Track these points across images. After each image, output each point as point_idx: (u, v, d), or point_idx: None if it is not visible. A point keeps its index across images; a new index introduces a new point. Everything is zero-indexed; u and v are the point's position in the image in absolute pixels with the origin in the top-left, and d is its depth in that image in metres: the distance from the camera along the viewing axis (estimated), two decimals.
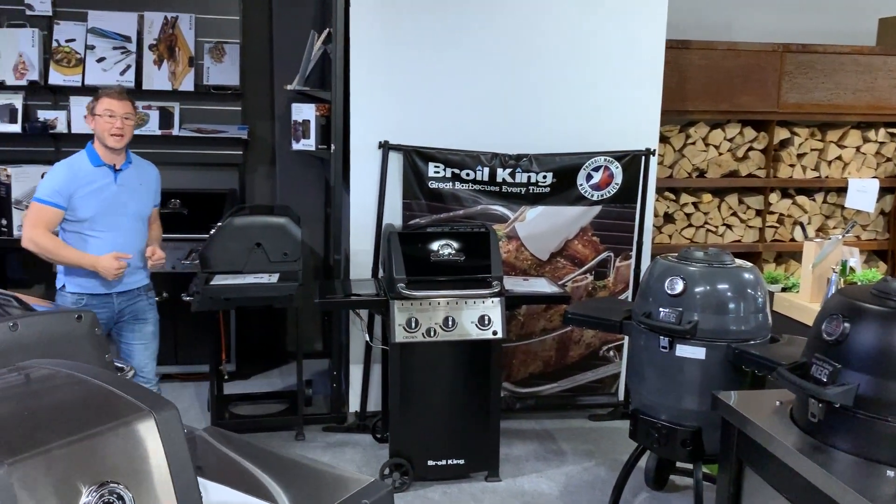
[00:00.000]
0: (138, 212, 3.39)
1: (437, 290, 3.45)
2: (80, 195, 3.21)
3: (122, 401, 1.23)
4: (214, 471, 1.69)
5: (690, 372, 2.98)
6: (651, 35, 4.20)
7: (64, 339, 1.99)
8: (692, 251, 3.11)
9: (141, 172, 3.43)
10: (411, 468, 3.56)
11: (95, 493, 1.10)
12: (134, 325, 3.44)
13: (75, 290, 3.27)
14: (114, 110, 3.21)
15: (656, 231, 5.00)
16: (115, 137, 3.22)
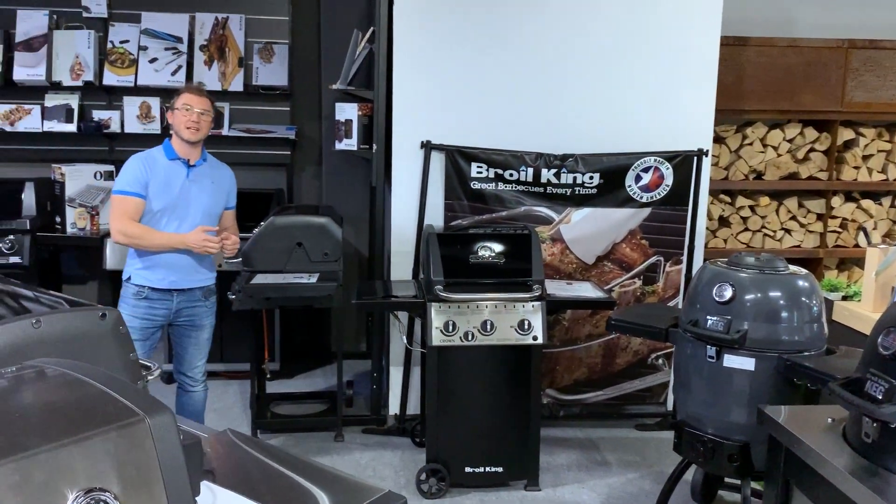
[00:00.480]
0: (208, 209, 3.39)
1: (476, 294, 3.37)
2: (154, 186, 3.26)
3: (117, 404, 1.19)
4: (228, 475, 1.65)
5: (739, 383, 2.83)
6: (705, 31, 4.04)
7: (87, 337, 1.98)
8: (743, 256, 2.96)
9: (214, 171, 3.46)
10: (448, 474, 3.49)
11: (82, 500, 1.06)
12: (190, 331, 3.44)
13: (139, 282, 3.30)
14: (191, 104, 3.27)
15: (710, 235, 4.82)
16: (190, 130, 3.26)
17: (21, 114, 5.09)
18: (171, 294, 3.33)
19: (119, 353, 2.05)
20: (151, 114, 5.19)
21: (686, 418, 3.04)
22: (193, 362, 3.49)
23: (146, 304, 3.29)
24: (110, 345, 2.03)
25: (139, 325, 3.27)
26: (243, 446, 1.81)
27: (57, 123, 5.09)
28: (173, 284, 3.32)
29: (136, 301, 3.30)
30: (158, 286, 3.30)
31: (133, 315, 3.25)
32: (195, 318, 3.43)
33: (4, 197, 4.73)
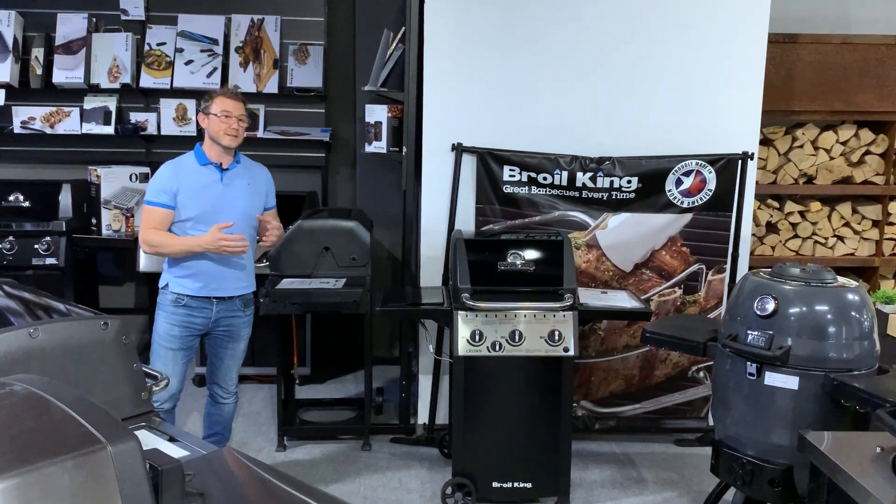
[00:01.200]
0: (245, 212, 3.25)
1: (504, 302, 3.24)
2: (185, 193, 3.16)
3: (79, 430, 1.11)
4: (220, 498, 1.57)
5: (781, 403, 2.66)
6: (752, 28, 3.84)
7: (88, 347, 1.93)
8: (787, 267, 2.77)
9: (249, 173, 3.34)
10: (475, 489, 3.36)
11: None
12: (227, 342, 3.33)
13: (177, 290, 3.20)
14: (230, 111, 3.17)
15: (756, 242, 4.60)
16: (230, 137, 3.17)
17: (61, 116, 5.14)
18: (211, 302, 3.22)
19: (122, 364, 1.99)
20: (187, 116, 5.19)
21: (724, 438, 2.87)
22: (228, 374, 3.39)
23: (184, 312, 3.20)
24: (112, 355, 1.97)
25: (178, 333, 3.20)
26: (241, 467, 1.72)
27: (95, 125, 5.13)
28: (213, 292, 3.21)
29: (174, 308, 3.20)
30: (197, 294, 3.20)
31: (171, 323, 3.19)
32: (233, 328, 3.31)
33: (42, 198, 4.78)
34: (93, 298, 5.30)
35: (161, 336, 3.22)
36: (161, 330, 3.22)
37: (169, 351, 3.21)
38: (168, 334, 3.20)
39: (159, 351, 3.22)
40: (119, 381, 1.96)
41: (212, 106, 3.19)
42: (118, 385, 1.96)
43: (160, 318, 3.23)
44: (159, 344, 3.22)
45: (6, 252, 4.61)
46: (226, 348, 3.34)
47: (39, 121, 5.11)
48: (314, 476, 3.69)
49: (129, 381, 1.99)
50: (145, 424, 1.95)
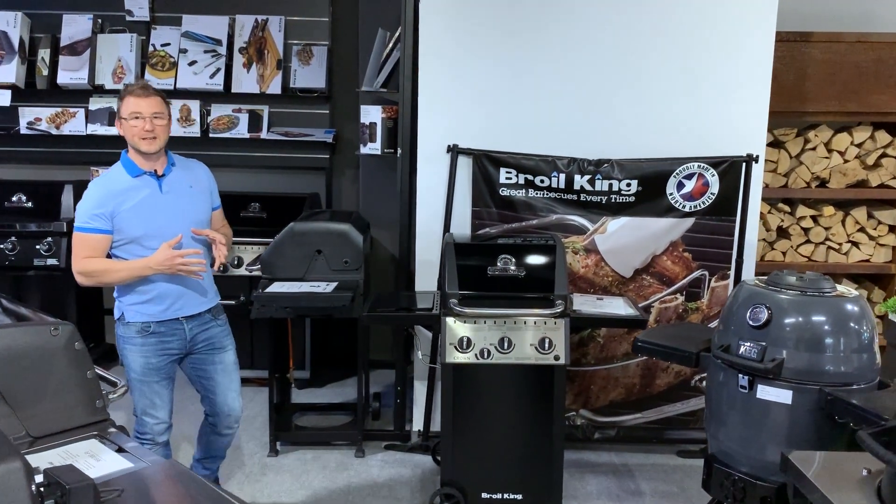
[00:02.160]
0: (194, 217, 2.96)
1: (493, 308, 3.15)
2: (123, 212, 2.80)
3: None
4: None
5: (775, 418, 2.53)
6: (759, 25, 3.70)
7: (37, 353, 1.88)
8: (784, 275, 2.65)
9: (188, 174, 3.00)
10: (463, 499, 3.28)
11: None
12: (212, 354, 3.04)
13: (137, 318, 2.87)
14: (140, 111, 2.79)
15: (767, 247, 4.45)
16: (146, 141, 2.81)
17: (66, 117, 5.16)
18: (180, 322, 2.92)
19: (73, 371, 1.94)
20: (191, 117, 5.17)
21: (717, 453, 2.75)
22: (228, 394, 3.06)
23: (155, 340, 2.89)
24: (63, 361, 1.92)
25: (157, 362, 2.90)
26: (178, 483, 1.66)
27: (100, 126, 5.14)
28: (177, 312, 2.91)
29: (143, 339, 2.88)
30: (162, 318, 2.88)
31: (145, 355, 2.88)
32: (213, 339, 3.03)
33: (44, 199, 4.79)
34: (96, 301, 5.31)
35: (138, 372, 2.89)
36: (136, 366, 2.89)
37: (152, 384, 2.91)
38: (146, 368, 2.89)
39: (140, 388, 2.90)
40: (70, 388, 1.92)
41: (122, 108, 2.84)
42: (69, 392, 1.91)
43: (130, 354, 2.89)
44: (138, 381, 2.90)
45: (8, 252, 4.63)
46: (213, 364, 3.04)
47: (45, 121, 5.14)
48: (303, 483, 3.63)
49: (81, 388, 1.94)
50: (97, 433, 1.90)
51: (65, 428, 1.88)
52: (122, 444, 1.85)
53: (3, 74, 5.00)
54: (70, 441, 1.84)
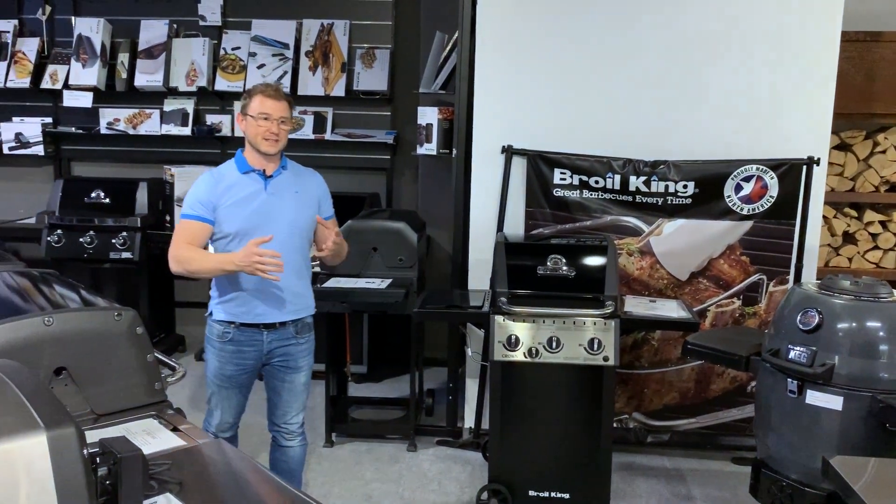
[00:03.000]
0: (294, 223, 2.86)
1: (542, 308, 3.17)
2: (226, 205, 2.78)
3: (22, 413, 1.15)
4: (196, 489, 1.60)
5: (825, 424, 2.49)
6: (824, 25, 3.61)
7: (100, 336, 2.00)
8: (838, 279, 2.60)
9: (298, 180, 2.93)
10: (511, 496, 3.31)
11: None
12: (284, 374, 2.95)
13: (222, 317, 2.85)
14: (269, 112, 2.78)
15: (832, 252, 4.34)
16: (269, 142, 2.79)
17: (142, 117, 5.42)
18: (260, 331, 2.86)
19: (134, 353, 2.06)
20: None
21: (766, 459, 2.72)
22: (288, 412, 3.00)
23: (233, 349, 2.85)
24: (125, 345, 2.04)
25: (231, 371, 2.87)
26: (226, 460, 1.76)
27: (174, 127, 5.38)
28: (258, 318, 2.84)
29: (221, 345, 2.86)
30: (242, 321, 2.84)
31: (221, 361, 2.87)
32: (290, 358, 2.94)
33: (121, 196, 5.03)
34: (168, 293, 5.55)
35: (213, 372, 2.90)
36: (212, 367, 2.91)
37: (223, 389, 2.91)
38: (220, 373, 2.89)
39: (212, 387, 2.92)
40: (132, 370, 2.03)
41: (249, 105, 2.82)
42: (131, 374, 2.03)
43: (210, 353, 2.91)
44: (212, 380, 2.91)
45: (87, 245, 4.88)
46: (283, 381, 2.97)
47: (123, 122, 5.41)
48: (356, 473, 3.73)
49: (142, 370, 2.06)
50: (155, 413, 2.02)
51: (125, 407, 1.99)
52: (178, 425, 1.95)
53: (86, 77, 5.29)
54: (130, 419, 1.96)
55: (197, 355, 5.19)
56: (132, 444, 1.39)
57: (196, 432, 1.94)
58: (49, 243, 4.91)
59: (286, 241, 2.81)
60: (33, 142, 5.47)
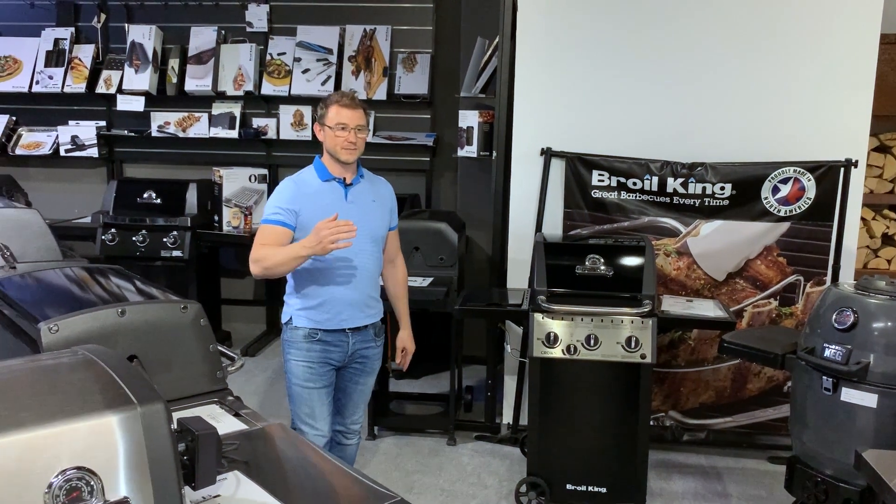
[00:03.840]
0: (372, 232, 2.90)
1: (579, 306, 3.26)
2: (307, 213, 2.79)
3: (117, 391, 1.29)
4: (261, 467, 1.73)
5: (860, 422, 2.55)
6: (862, 28, 3.65)
7: (168, 327, 2.15)
8: (874, 280, 2.65)
9: (373, 188, 2.98)
10: (548, 490, 3.41)
11: (62, 477, 1.16)
12: (359, 376, 3.02)
13: (304, 324, 2.87)
14: (346, 123, 2.79)
15: (871, 254, 4.35)
16: (347, 151, 2.81)
17: (192, 121, 5.61)
18: (346, 334, 2.89)
19: (198, 344, 2.20)
20: (304, 121, 5.52)
21: (801, 454, 2.78)
22: (355, 413, 3.07)
23: (321, 348, 2.88)
24: (190, 335, 2.18)
25: (319, 369, 2.88)
26: (288, 442, 1.88)
27: (221, 130, 5.56)
28: (343, 323, 2.87)
29: (309, 344, 2.87)
30: (328, 327, 2.86)
31: (308, 361, 2.87)
32: (367, 361, 3.00)
33: (171, 196, 5.23)
34: (215, 290, 5.74)
35: (299, 377, 2.89)
36: (298, 371, 2.89)
37: (312, 391, 2.89)
38: (308, 373, 2.89)
39: (301, 394, 2.90)
40: (196, 359, 2.17)
41: (327, 116, 2.83)
42: (195, 363, 2.17)
43: (293, 358, 2.90)
44: (299, 386, 2.90)
45: (139, 244, 5.09)
46: (356, 383, 3.02)
47: (173, 125, 5.61)
48: (398, 465, 3.85)
49: (205, 359, 2.20)
50: (217, 400, 2.15)
51: (190, 394, 2.13)
52: (239, 410, 2.09)
53: (138, 82, 5.50)
54: (194, 405, 2.09)
55: (244, 350, 5.36)
56: (208, 423, 1.52)
57: (256, 417, 2.07)
58: (104, 241, 5.12)
59: (364, 249, 2.86)
60: (88, 144, 5.70)
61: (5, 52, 5.69)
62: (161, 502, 1.24)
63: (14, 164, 5.81)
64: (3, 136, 5.73)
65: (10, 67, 5.66)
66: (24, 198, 5.32)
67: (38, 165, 5.91)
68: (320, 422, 2.92)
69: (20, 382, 1.32)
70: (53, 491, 1.15)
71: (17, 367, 1.40)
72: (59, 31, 5.68)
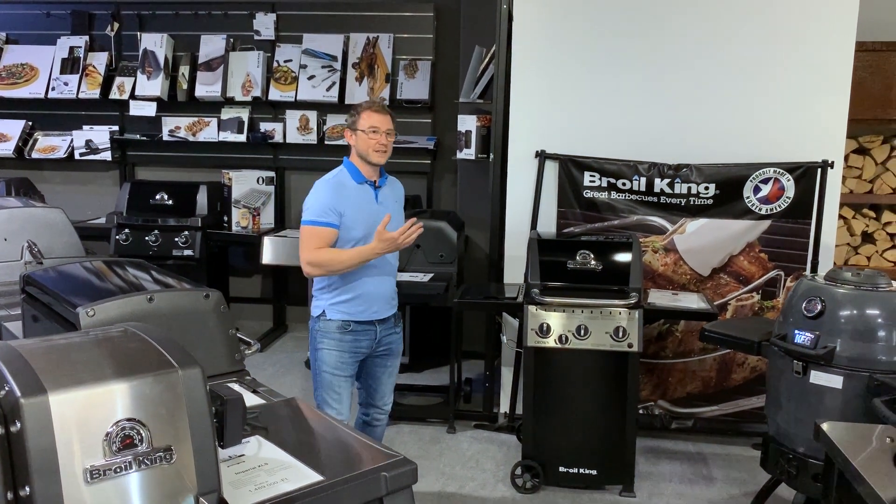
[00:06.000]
0: (396, 228, 3.04)
1: (571, 298, 3.48)
2: (350, 213, 3.00)
3: (161, 358, 1.50)
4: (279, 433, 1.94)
5: (828, 402, 2.75)
6: (839, 35, 3.86)
7: (192, 313, 2.37)
8: (841, 271, 2.86)
9: (394, 189, 3.25)
10: (542, 472, 3.61)
11: (117, 426, 1.37)
12: (386, 360, 3.24)
13: (338, 316, 3.07)
14: (378, 126, 3.01)
15: (851, 251, 4.56)
16: (379, 153, 3.02)
17: (201, 125, 5.84)
18: (374, 324, 3.12)
19: (219, 328, 2.42)
20: (309, 126, 5.74)
21: (775, 434, 2.98)
22: (387, 393, 3.31)
23: (352, 338, 3.09)
24: (212, 320, 2.40)
25: (348, 359, 3.10)
26: (305, 413, 2.10)
27: (230, 134, 5.79)
28: (373, 315, 3.11)
29: (341, 335, 3.08)
30: (361, 318, 3.09)
31: (340, 350, 3.08)
32: (392, 346, 3.24)
33: (182, 198, 5.45)
34: (224, 288, 5.96)
35: (331, 366, 3.09)
36: (329, 359, 3.09)
37: (340, 379, 3.10)
38: (339, 362, 3.10)
39: (331, 381, 3.10)
40: (217, 342, 2.39)
41: (359, 121, 3.04)
42: (216, 345, 2.39)
43: (326, 347, 3.10)
44: (330, 374, 3.10)
45: (152, 243, 5.31)
46: (385, 367, 3.25)
47: (184, 129, 5.83)
48: (401, 451, 4.01)
49: (225, 342, 2.41)
50: (236, 380, 2.37)
51: (212, 374, 2.33)
52: (256, 388, 2.30)
53: (150, 88, 5.73)
54: (216, 384, 2.31)
55: None
56: (234, 390, 1.73)
57: (273, 394, 2.29)
58: (117, 241, 5.34)
59: None
60: (102, 148, 5.92)
61: (22, 60, 5.93)
62: (198, 451, 1.46)
63: (30, 168, 6.05)
64: (20, 141, 5.97)
65: (27, 74, 5.89)
66: (41, 200, 5.54)
67: (53, 168, 6.14)
68: (344, 405, 3.14)
69: (79, 349, 1.54)
70: (111, 437, 1.36)
71: (74, 338, 1.62)
72: (74, 40, 5.92)
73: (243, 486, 1.63)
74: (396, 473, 1.72)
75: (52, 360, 1.46)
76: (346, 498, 1.66)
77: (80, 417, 1.36)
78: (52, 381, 1.36)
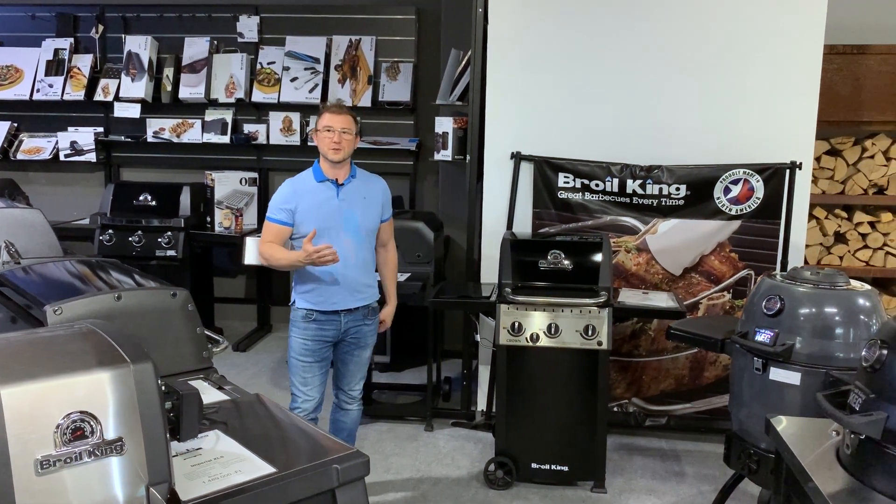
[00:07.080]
0: (362, 225, 3.27)
1: (541, 297, 3.54)
2: (303, 210, 3.19)
3: (113, 352, 1.55)
4: (238, 427, 1.99)
5: (787, 398, 2.81)
6: (807, 38, 3.93)
7: (159, 311, 2.42)
8: (801, 270, 2.92)
9: (366, 186, 3.33)
10: (515, 468, 3.67)
11: (68, 419, 1.43)
12: (354, 349, 3.38)
13: (304, 305, 3.26)
14: (332, 125, 3.17)
15: (824, 251, 4.63)
16: (333, 151, 3.16)
17: (185, 127, 5.88)
18: (338, 314, 3.27)
19: (187, 326, 2.47)
20: (292, 127, 5.80)
21: (738, 431, 3.04)
22: (353, 380, 3.45)
23: (315, 326, 3.26)
24: (179, 319, 2.45)
25: (312, 346, 3.27)
26: (264, 408, 2.15)
27: (214, 135, 5.83)
28: (334, 306, 3.25)
29: (305, 324, 3.26)
30: (323, 308, 3.25)
31: (304, 338, 3.27)
32: (360, 337, 3.37)
33: (166, 199, 5.49)
34: (208, 289, 6.00)
35: (296, 351, 3.29)
36: (295, 346, 3.29)
37: (306, 364, 3.28)
38: (302, 348, 3.28)
39: (297, 365, 3.29)
40: (184, 340, 2.44)
41: (318, 122, 3.23)
42: (183, 343, 2.44)
43: (293, 335, 3.31)
44: (295, 359, 3.29)
45: (135, 244, 5.35)
46: (352, 355, 3.39)
47: (168, 131, 5.88)
48: (377, 449, 4.11)
49: (192, 341, 2.47)
50: (203, 377, 2.42)
51: (179, 371, 2.39)
52: (222, 385, 2.35)
53: (134, 90, 5.77)
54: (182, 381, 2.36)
55: (235, 346, 5.62)
56: (190, 385, 1.79)
57: (238, 391, 2.34)
58: (101, 242, 5.39)
59: (355, 240, 3.25)
60: (86, 149, 5.97)
61: (7, 62, 5.97)
62: (150, 443, 1.51)
63: (15, 169, 6.09)
64: (5, 142, 6.01)
65: (12, 76, 5.93)
66: (25, 200, 5.58)
67: (38, 170, 6.19)
68: (312, 389, 3.32)
69: (34, 346, 1.59)
70: (61, 429, 1.42)
71: (31, 335, 1.67)
72: (59, 42, 5.96)
73: (197, 478, 1.68)
74: (348, 465, 1.77)
75: (7, 355, 1.51)
76: (298, 489, 1.72)
77: (31, 410, 1.41)
78: (3, 375, 1.41)
